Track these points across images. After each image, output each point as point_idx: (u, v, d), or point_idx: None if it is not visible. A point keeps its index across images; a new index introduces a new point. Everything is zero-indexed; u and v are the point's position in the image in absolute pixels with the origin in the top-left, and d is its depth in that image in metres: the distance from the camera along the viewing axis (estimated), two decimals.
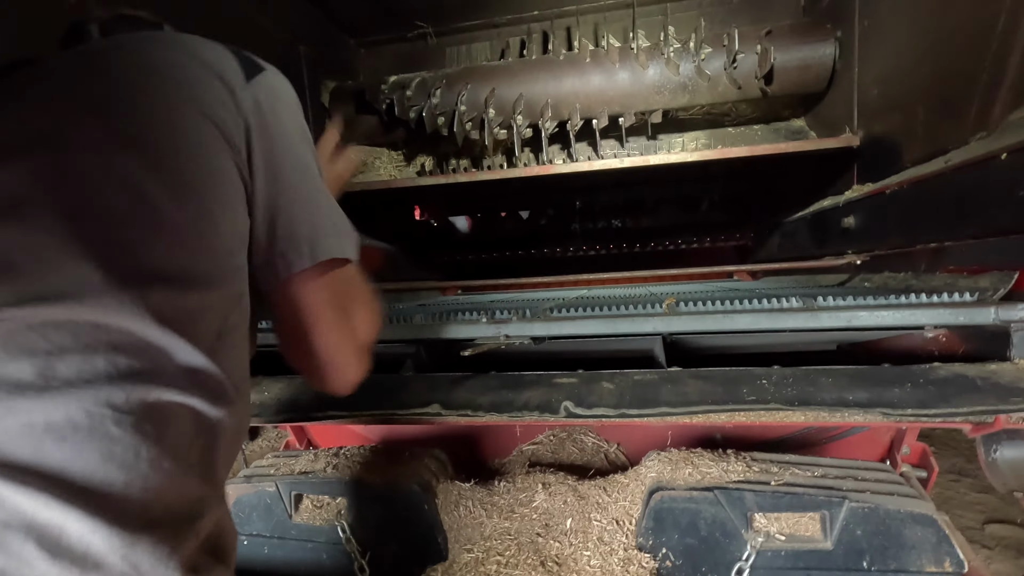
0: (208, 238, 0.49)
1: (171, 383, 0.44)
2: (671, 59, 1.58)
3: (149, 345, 0.43)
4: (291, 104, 0.62)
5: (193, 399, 0.46)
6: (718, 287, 1.81)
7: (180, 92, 0.52)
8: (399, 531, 1.01)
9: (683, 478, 0.95)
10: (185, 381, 0.46)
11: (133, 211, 0.45)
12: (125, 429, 0.40)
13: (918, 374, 0.86)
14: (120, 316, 0.42)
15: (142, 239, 0.45)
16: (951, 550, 0.83)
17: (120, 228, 0.44)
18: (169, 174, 0.48)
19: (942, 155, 1.05)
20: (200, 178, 0.50)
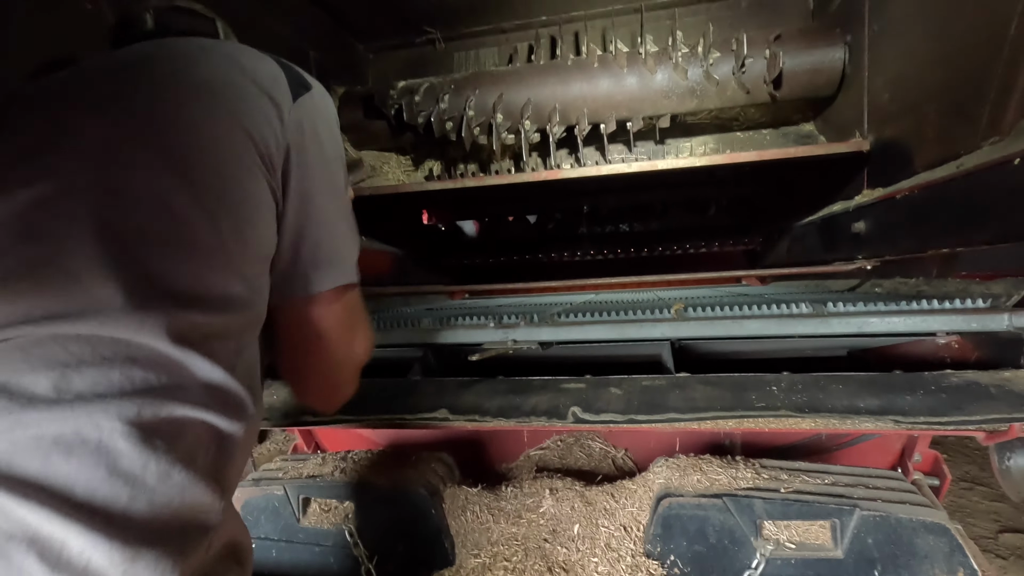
0: (239, 262, 0.50)
1: (189, 398, 0.44)
2: (679, 64, 1.58)
3: (169, 361, 0.44)
4: (332, 125, 0.63)
5: (211, 414, 0.46)
6: (727, 292, 1.80)
7: (228, 110, 0.52)
8: (406, 535, 1.01)
9: (692, 485, 0.94)
10: (204, 397, 0.46)
11: (169, 233, 0.46)
12: (134, 443, 0.40)
13: (930, 381, 0.86)
14: (141, 334, 0.42)
15: (174, 262, 0.45)
16: (964, 560, 0.82)
17: (154, 249, 0.45)
18: (209, 197, 0.48)
19: (954, 160, 1.04)
20: (238, 200, 0.51)
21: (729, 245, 2.39)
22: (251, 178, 0.52)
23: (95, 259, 0.42)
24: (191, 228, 0.46)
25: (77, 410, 0.39)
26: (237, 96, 0.53)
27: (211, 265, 0.48)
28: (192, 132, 0.49)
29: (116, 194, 0.45)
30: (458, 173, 1.92)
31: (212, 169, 0.49)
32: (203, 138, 0.50)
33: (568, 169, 1.67)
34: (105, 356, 0.41)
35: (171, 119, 0.49)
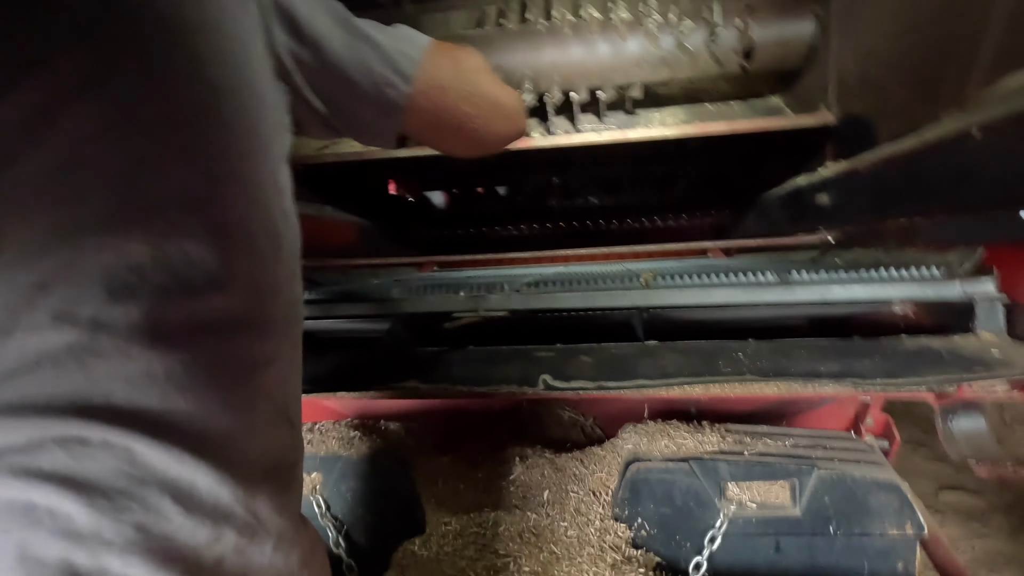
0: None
1: (268, 330, 0.44)
2: (651, 32, 1.56)
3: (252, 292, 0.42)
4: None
5: (286, 345, 0.47)
6: (693, 264, 1.82)
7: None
8: (376, 505, 1.01)
9: (659, 450, 0.96)
10: (277, 329, 0.45)
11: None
12: (239, 377, 0.41)
13: (886, 346, 0.89)
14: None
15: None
16: (912, 515, 0.87)
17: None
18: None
19: (915, 132, 1.06)
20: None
21: (696, 218, 2.42)
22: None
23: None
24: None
25: (179, 343, 0.37)
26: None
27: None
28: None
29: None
30: None
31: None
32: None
33: (538, 138, 1.64)
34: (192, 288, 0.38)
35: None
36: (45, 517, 0.32)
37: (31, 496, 0.32)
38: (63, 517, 0.32)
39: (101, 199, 0.35)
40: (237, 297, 0.41)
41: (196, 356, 0.38)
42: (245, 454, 0.40)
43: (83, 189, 0.34)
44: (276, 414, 0.45)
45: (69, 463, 0.33)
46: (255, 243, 0.42)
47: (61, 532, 0.32)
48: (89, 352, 0.34)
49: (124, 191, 0.35)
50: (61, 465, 0.33)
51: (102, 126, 0.34)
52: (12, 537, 0.32)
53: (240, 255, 0.41)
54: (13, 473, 0.33)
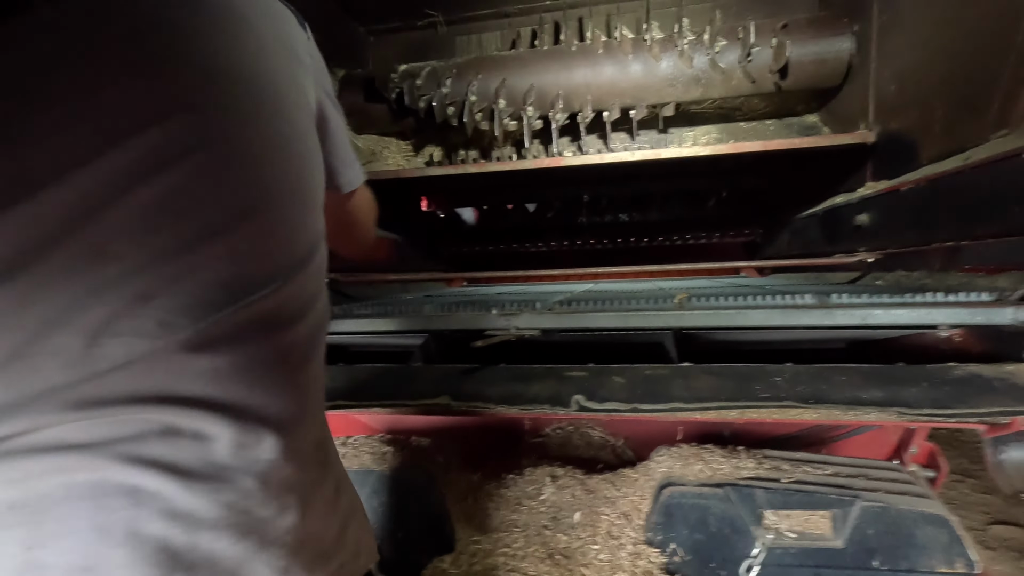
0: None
1: (315, 330, 0.51)
2: (685, 52, 1.56)
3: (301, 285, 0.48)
4: None
5: (323, 340, 0.53)
6: (726, 283, 1.80)
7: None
8: (407, 521, 1.01)
9: (694, 474, 0.94)
10: (320, 328, 0.52)
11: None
12: (297, 368, 0.47)
13: (934, 373, 0.86)
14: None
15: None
16: (962, 551, 0.83)
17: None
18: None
19: (961, 153, 1.04)
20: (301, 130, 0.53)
21: (729, 236, 2.39)
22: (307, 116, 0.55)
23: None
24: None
25: (253, 343, 0.44)
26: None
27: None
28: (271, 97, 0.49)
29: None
30: (459, 159, 1.90)
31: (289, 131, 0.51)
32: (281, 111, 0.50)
33: (570, 157, 1.65)
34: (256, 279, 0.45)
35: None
36: (148, 499, 0.38)
37: (137, 480, 0.38)
38: (164, 499, 0.39)
39: (198, 230, 0.41)
40: (294, 304, 0.48)
41: (267, 352, 0.44)
42: (305, 434, 0.47)
43: (183, 220, 0.40)
44: (320, 398, 0.52)
45: (168, 451, 0.39)
46: (307, 261, 0.49)
47: (161, 512, 0.39)
48: (186, 350, 0.39)
49: (214, 225, 0.41)
50: (161, 453, 0.39)
51: (198, 175, 0.41)
52: (121, 516, 0.38)
53: (297, 272, 0.48)
54: (121, 460, 0.38)
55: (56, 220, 0.37)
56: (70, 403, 0.37)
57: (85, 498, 0.38)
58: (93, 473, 0.38)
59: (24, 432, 0.37)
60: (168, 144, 0.40)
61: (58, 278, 0.37)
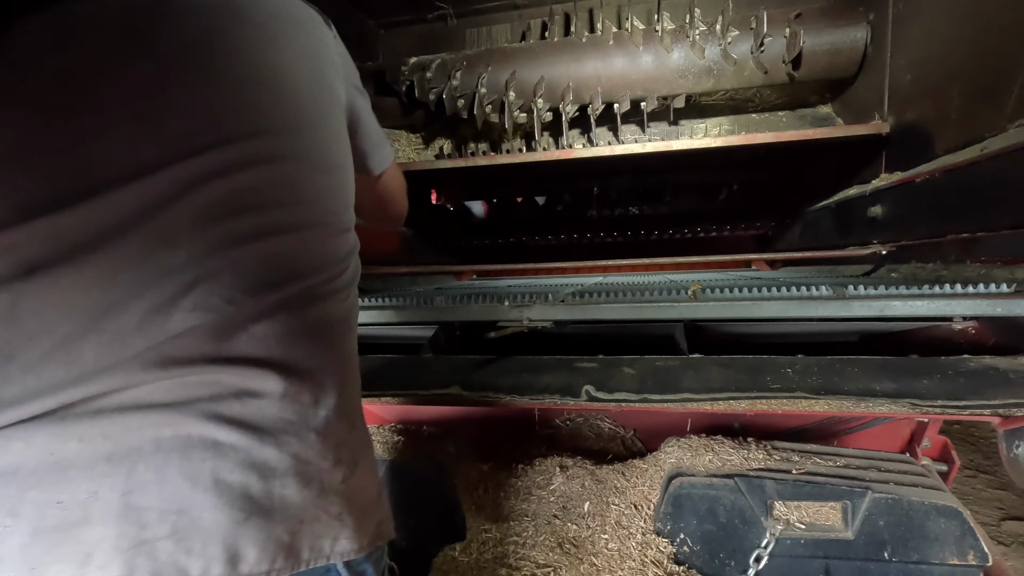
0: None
1: (351, 305, 0.60)
2: (696, 42, 1.55)
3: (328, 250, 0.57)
4: None
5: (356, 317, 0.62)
6: (738, 276, 1.79)
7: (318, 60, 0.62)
8: (418, 509, 1.03)
9: (703, 465, 0.94)
10: (353, 305, 0.61)
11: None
12: (342, 338, 0.57)
13: (947, 366, 0.85)
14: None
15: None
16: (975, 543, 0.82)
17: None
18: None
19: (978, 143, 1.02)
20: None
21: (740, 229, 2.37)
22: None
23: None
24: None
25: (306, 313, 0.52)
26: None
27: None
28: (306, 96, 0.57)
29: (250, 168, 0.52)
30: (468, 152, 1.90)
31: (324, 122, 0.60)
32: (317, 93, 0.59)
33: (580, 149, 1.65)
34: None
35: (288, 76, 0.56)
36: (229, 451, 0.45)
37: (217, 435, 0.44)
38: (242, 450, 0.45)
39: (256, 227, 0.49)
40: (334, 286, 0.55)
41: (314, 323, 0.51)
42: (351, 398, 0.55)
43: (242, 217, 0.49)
44: (357, 374, 0.60)
45: (243, 410, 0.46)
46: (348, 254, 0.60)
47: (241, 463, 0.45)
48: (250, 320, 0.47)
49: (271, 225, 0.50)
50: (237, 412, 0.45)
51: (259, 182, 0.50)
52: (208, 465, 0.44)
53: (339, 262, 0.57)
54: (203, 417, 0.44)
55: (128, 211, 0.44)
56: (152, 363, 0.44)
57: (175, 450, 0.43)
58: (179, 429, 0.44)
59: (115, 391, 0.43)
60: (232, 154, 0.48)
61: (133, 258, 0.44)
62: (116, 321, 0.43)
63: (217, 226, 0.47)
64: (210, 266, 0.46)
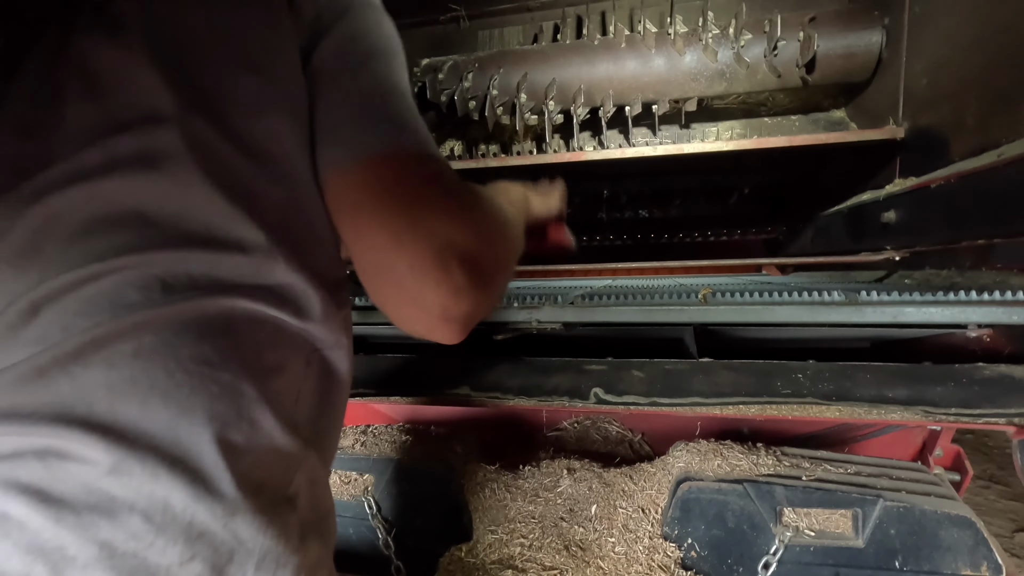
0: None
1: (286, 331, 0.45)
2: (709, 45, 1.54)
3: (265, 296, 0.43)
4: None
5: (308, 345, 0.46)
6: (748, 280, 1.78)
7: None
8: (425, 509, 1.03)
9: (712, 469, 0.94)
10: (311, 336, 0.46)
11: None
12: (225, 388, 0.39)
13: (962, 373, 0.84)
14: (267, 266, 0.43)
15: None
16: (989, 554, 0.81)
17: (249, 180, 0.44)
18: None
19: (994, 149, 1.01)
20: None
21: (751, 234, 2.36)
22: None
23: (202, 192, 0.42)
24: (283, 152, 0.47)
25: (166, 349, 0.38)
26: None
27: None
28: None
29: (213, 136, 0.43)
30: (479, 154, 1.90)
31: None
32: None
33: (591, 151, 1.65)
34: (192, 286, 0.41)
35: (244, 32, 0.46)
36: (15, 529, 0.33)
37: (6, 507, 0.33)
38: (31, 531, 0.33)
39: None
40: (233, 293, 0.42)
41: (180, 363, 0.38)
42: (227, 469, 0.38)
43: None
44: (276, 427, 0.42)
45: (44, 476, 0.34)
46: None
47: (27, 546, 0.33)
48: (76, 361, 0.36)
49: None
50: (36, 478, 0.34)
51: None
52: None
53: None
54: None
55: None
56: None
57: None
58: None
59: None
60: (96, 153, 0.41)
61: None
62: None
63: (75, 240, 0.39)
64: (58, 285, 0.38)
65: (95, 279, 0.38)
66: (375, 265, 0.45)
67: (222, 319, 0.41)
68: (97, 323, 0.37)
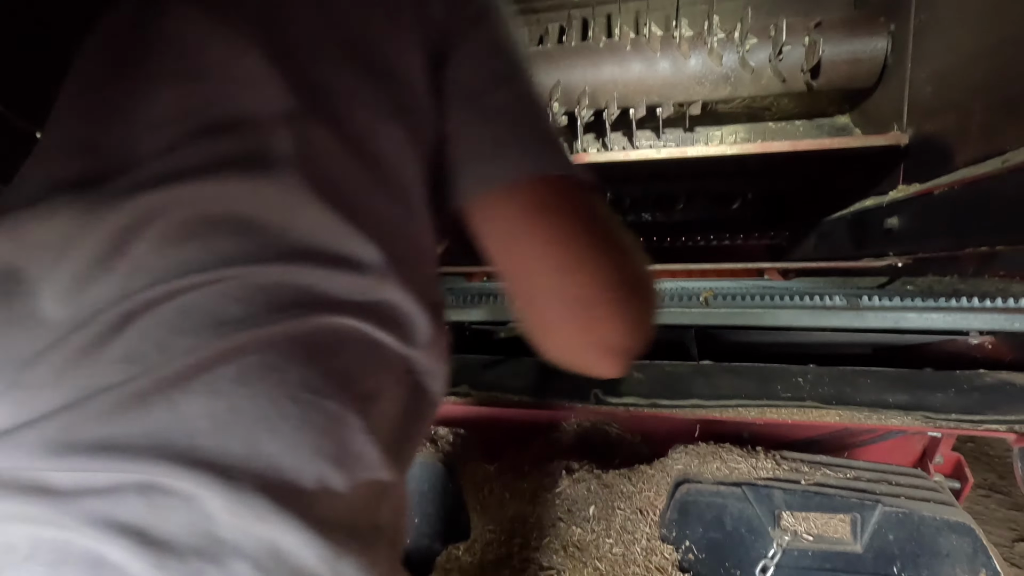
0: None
1: (390, 355, 0.40)
2: (714, 49, 1.55)
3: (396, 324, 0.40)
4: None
5: (405, 368, 0.42)
6: (750, 285, 1.78)
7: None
8: (423, 508, 1.03)
9: (711, 472, 0.94)
10: (411, 361, 0.42)
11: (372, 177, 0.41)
12: (331, 419, 0.35)
13: (963, 379, 0.84)
14: (383, 290, 0.39)
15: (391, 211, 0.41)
16: (988, 561, 0.81)
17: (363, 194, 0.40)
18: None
19: (999, 156, 1.01)
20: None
21: (753, 238, 2.36)
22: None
23: (314, 204, 0.38)
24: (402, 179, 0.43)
25: (273, 378, 0.34)
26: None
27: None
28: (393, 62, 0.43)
29: (335, 144, 0.40)
30: None
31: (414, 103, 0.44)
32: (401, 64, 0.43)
33: (594, 153, 1.65)
34: (298, 311, 0.36)
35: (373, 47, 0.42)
36: (113, 575, 0.30)
37: (103, 549, 0.30)
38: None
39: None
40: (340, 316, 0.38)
41: (286, 390, 0.34)
42: (334, 507, 0.34)
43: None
44: (377, 458, 0.38)
45: (146, 515, 0.30)
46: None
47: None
48: (175, 386, 0.32)
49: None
50: (138, 516, 0.30)
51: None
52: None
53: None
54: (90, 521, 0.30)
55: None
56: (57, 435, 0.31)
57: (46, 562, 0.30)
58: (60, 532, 0.30)
59: (7, 466, 0.31)
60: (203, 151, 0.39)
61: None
62: (39, 368, 0.33)
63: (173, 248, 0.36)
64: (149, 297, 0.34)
65: (192, 290, 0.34)
66: (532, 291, 0.44)
67: (328, 340, 0.37)
68: (198, 343, 0.33)
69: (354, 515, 0.36)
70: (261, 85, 0.39)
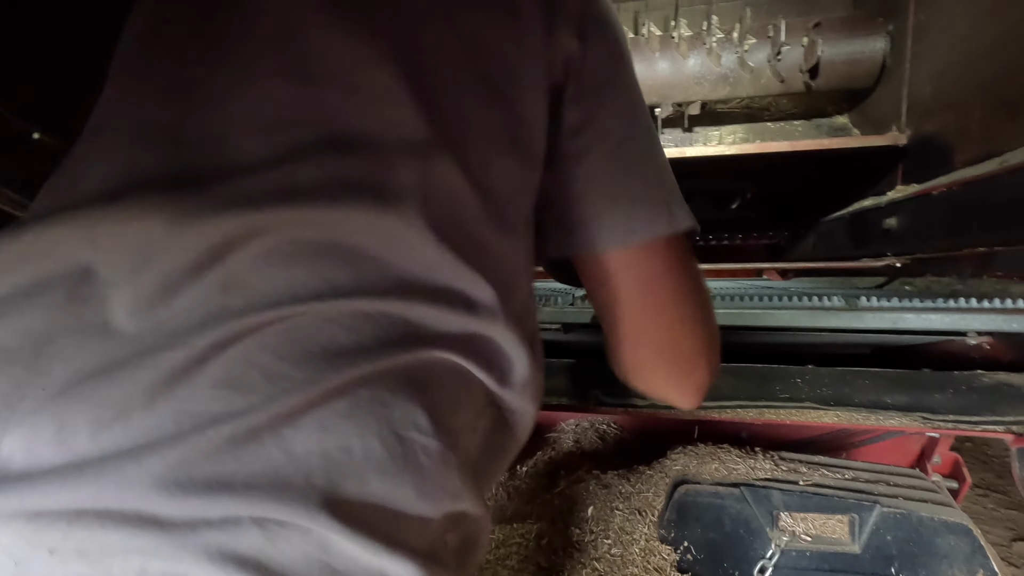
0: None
1: (486, 393, 0.40)
2: (713, 49, 1.55)
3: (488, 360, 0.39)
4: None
5: (496, 405, 0.42)
6: (749, 285, 1.78)
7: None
8: None
9: (709, 473, 0.94)
10: (501, 400, 0.41)
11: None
12: (433, 459, 0.34)
13: (961, 380, 0.84)
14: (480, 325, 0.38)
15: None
16: (985, 562, 0.81)
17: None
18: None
19: (998, 156, 1.01)
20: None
21: (752, 238, 2.36)
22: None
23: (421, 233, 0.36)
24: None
25: (374, 415, 0.33)
26: None
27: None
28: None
29: (451, 174, 0.38)
30: None
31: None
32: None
33: None
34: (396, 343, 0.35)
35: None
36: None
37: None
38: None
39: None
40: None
41: (393, 428, 0.34)
42: (429, 539, 0.34)
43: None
44: (462, 493, 0.37)
45: (265, 546, 0.29)
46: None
47: None
48: (288, 423, 0.31)
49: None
50: (257, 548, 0.29)
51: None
52: None
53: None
54: (208, 555, 0.28)
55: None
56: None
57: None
58: (172, 564, 0.28)
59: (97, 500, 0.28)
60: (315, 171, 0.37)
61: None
62: (120, 387, 0.30)
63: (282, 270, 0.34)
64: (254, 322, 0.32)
65: (299, 317, 0.33)
66: (642, 338, 0.50)
67: (428, 374, 0.36)
68: (311, 375, 0.32)
69: (443, 547, 0.36)
70: (391, 106, 0.37)
